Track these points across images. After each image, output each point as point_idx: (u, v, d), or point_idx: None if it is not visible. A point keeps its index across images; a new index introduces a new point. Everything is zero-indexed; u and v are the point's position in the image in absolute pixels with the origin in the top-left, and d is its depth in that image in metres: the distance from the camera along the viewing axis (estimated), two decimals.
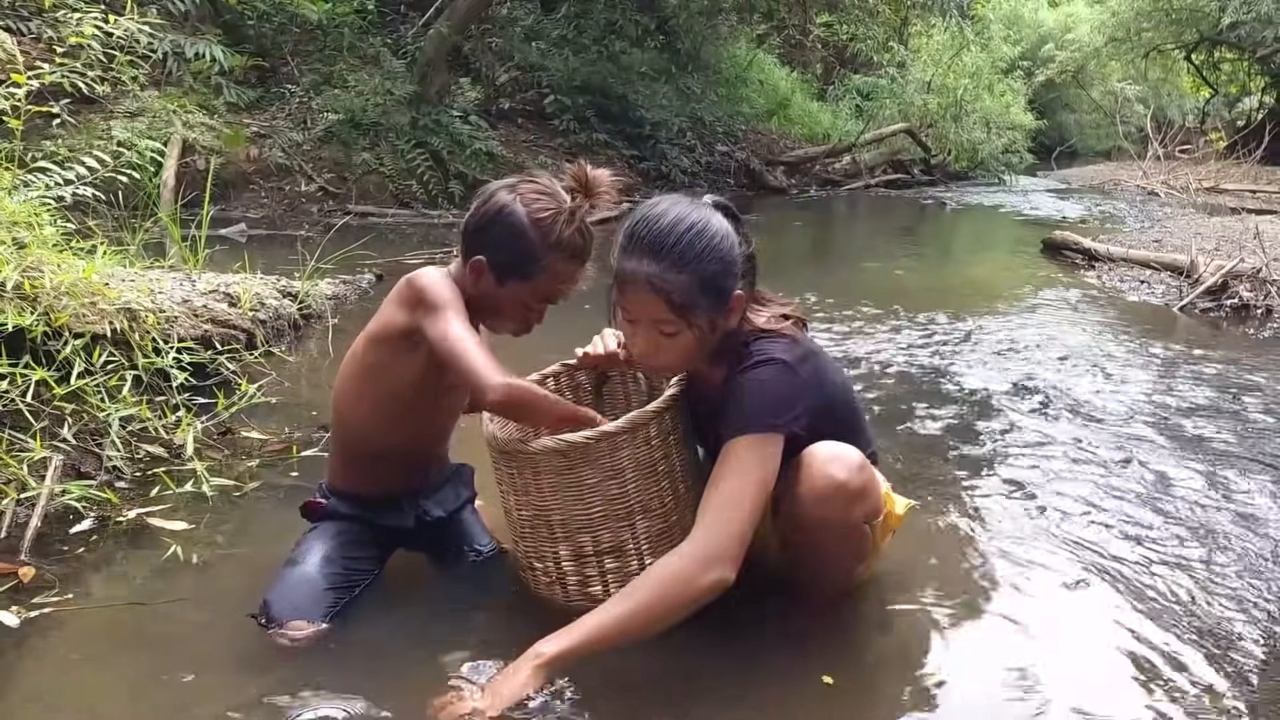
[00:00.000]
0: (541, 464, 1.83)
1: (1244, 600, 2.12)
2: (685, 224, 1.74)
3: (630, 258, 1.74)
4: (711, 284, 1.74)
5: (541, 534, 1.89)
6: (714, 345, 1.83)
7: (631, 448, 1.81)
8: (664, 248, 1.71)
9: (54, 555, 2.17)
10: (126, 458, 2.58)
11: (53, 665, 1.81)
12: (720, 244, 1.76)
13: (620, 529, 1.85)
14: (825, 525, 1.80)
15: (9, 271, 2.35)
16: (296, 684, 1.71)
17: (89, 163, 3.61)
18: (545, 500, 1.85)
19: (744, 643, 1.88)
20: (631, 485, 1.83)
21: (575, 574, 1.88)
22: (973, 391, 3.77)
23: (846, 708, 1.72)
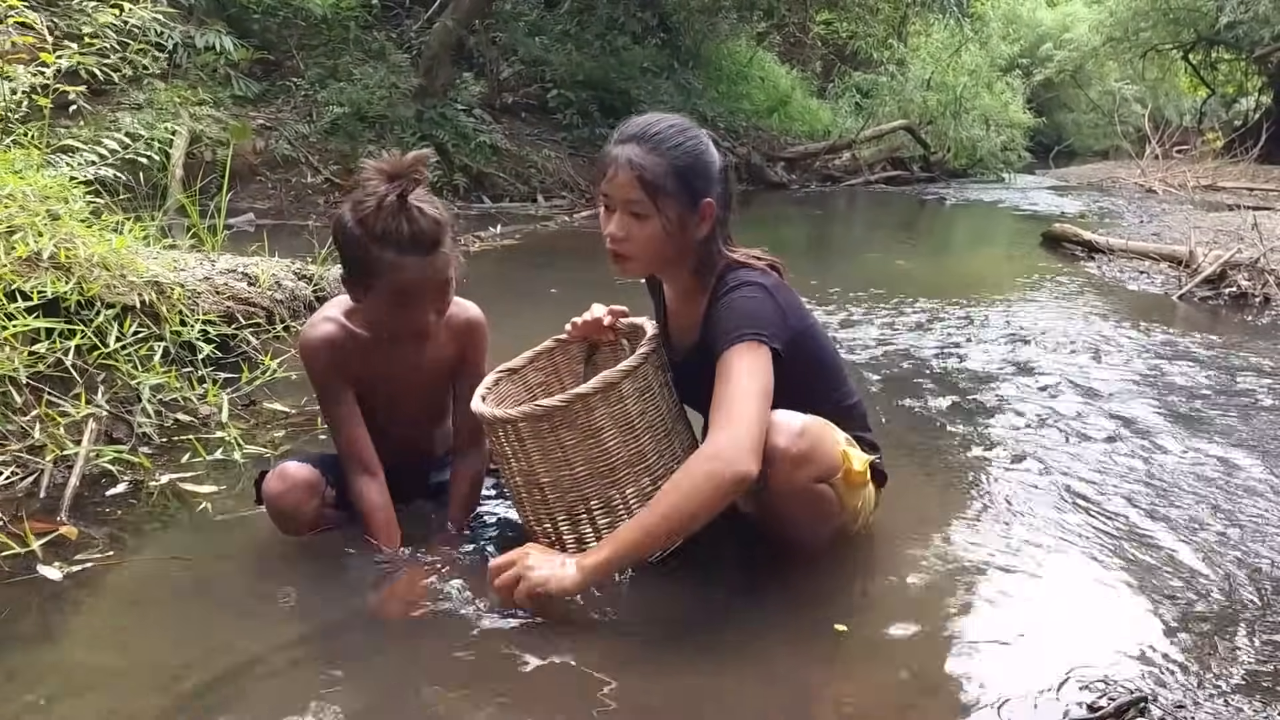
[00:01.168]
0: (524, 430, 1.88)
1: (1232, 560, 2.19)
2: (669, 120, 1.94)
3: (615, 145, 1.91)
4: (684, 174, 1.88)
5: (535, 498, 1.95)
6: (685, 256, 1.96)
7: (606, 406, 1.87)
8: (646, 135, 1.89)
9: (91, 516, 2.24)
10: (156, 425, 2.64)
11: (95, 615, 1.88)
12: (697, 145, 1.92)
13: (606, 486, 1.91)
14: (775, 491, 1.85)
15: (45, 242, 2.41)
16: (325, 629, 1.78)
17: (110, 144, 3.67)
18: (533, 465, 1.91)
19: (752, 595, 1.95)
20: (612, 443, 1.89)
21: (571, 533, 1.94)
22: (975, 372, 3.84)
23: (859, 655, 1.79)
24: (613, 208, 1.92)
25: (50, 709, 1.55)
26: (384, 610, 1.89)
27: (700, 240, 1.95)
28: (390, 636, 1.80)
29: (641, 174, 1.85)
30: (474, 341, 2.18)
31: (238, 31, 9.01)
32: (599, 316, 2.17)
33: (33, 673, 1.66)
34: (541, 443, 1.89)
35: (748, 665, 1.72)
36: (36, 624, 1.82)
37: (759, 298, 1.90)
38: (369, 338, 2.05)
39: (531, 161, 10.20)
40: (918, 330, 4.56)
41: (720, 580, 2.01)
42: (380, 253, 1.86)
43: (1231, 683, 1.72)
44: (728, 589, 1.98)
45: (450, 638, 1.76)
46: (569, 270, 5.94)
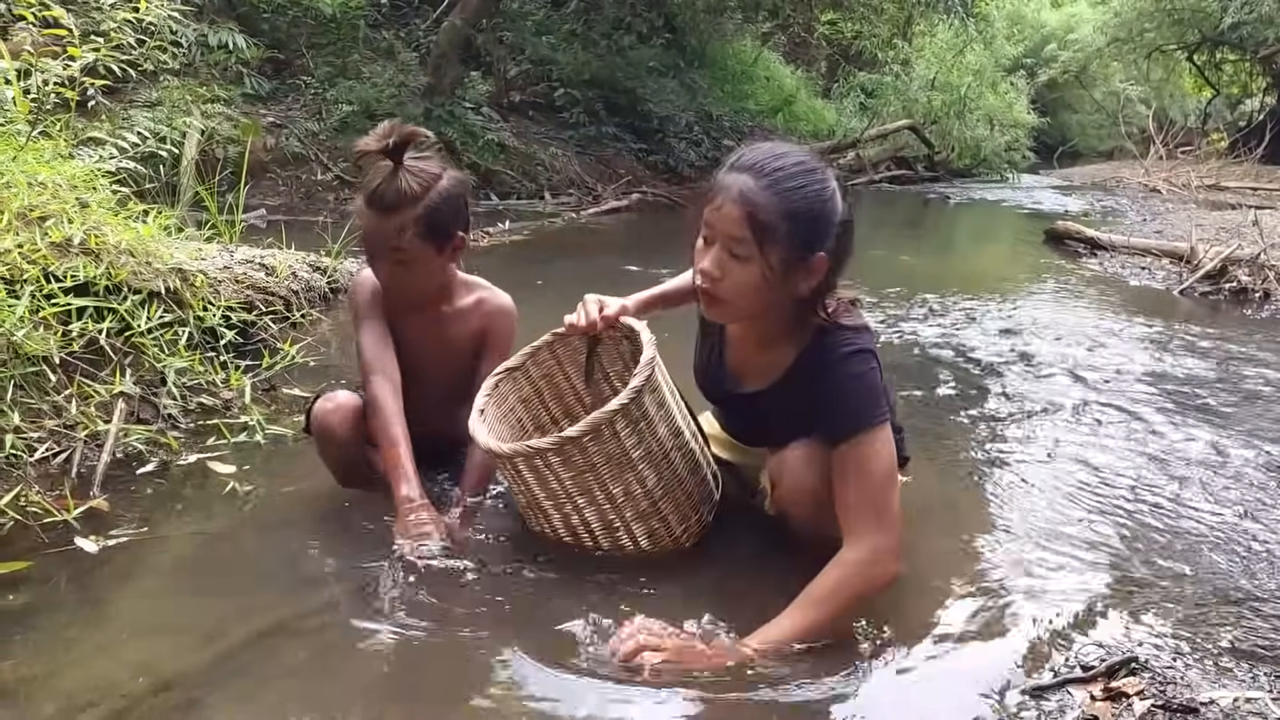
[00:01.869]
0: (520, 464, 1.92)
1: (1224, 537, 2.28)
2: (797, 158, 1.71)
3: (731, 172, 1.71)
4: (799, 220, 1.67)
5: (539, 517, 2.01)
6: (778, 309, 1.79)
7: (599, 444, 1.86)
8: (767, 170, 1.68)
9: (123, 492, 2.32)
10: (180, 408, 2.72)
11: (131, 582, 1.96)
12: (823, 191, 1.70)
13: (604, 511, 1.94)
14: (807, 520, 1.87)
15: (76, 228, 2.50)
16: (349, 599, 1.86)
17: (131, 138, 3.75)
18: (534, 490, 1.95)
19: (763, 575, 2.03)
20: (608, 475, 1.89)
21: (570, 539, 1.99)
22: (978, 361, 3.91)
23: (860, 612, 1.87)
24: (713, 240, 1.73)
25: (90, 665, 1.63)
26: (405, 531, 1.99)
27: (800, 296, 1.76)
28: (413, 598, 1.87)
29: (753, 211, 1.66)
30: (497, 327, 2.27)
31: (248, 30, 9.09)
32: (594, 320, 2.07)
33: (73, 633, 1.74)
34: (539, 474, 1.92)
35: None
36: (76, 590, 1.90)
37: (872, 368, 1.77)
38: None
39: (539, 159, 10.27)
40: (922, 322, 4.64)
41: (738, 569, 2.08)
42: (358, 200, 2.09)
43: (1220, 646, 1.79)
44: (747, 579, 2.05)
45: (471, 601, 1.85)
46: (574, 265, 6.03)
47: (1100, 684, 1.66)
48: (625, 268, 5.67)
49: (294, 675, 1.63)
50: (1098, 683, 1.66)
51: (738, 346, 1.98)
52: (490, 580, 1.92)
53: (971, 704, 1.60)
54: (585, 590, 1.89)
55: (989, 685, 1.65)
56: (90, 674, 1.61)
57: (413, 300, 2.21)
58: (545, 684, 1.60)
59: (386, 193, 2.03)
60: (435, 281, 2.20)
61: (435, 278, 2.18)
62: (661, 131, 12.09)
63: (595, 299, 2.11)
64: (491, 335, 2.27)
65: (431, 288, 2.21)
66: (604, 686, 1.58)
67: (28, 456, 2.14)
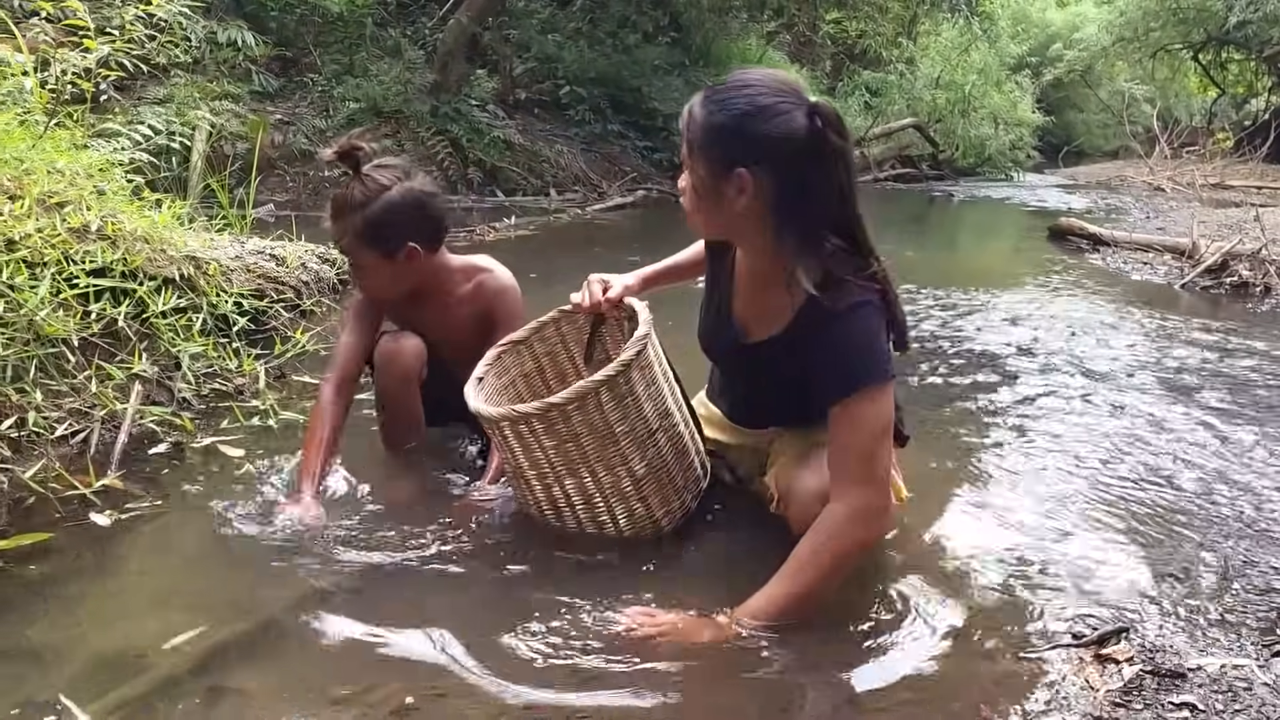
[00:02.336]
0: (506, 429, 1.95)
1: (1217, 517, 2.32)
2: (756, 76, 1.70)
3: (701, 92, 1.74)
4: (717, 133, 1.66)
5: (522, 485, 2.04)
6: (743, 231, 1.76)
7: (583, 414, 1.88)
8: (714, 91, 1.70)
9: (137, 472, 2.37)
10: (195, 391, 2.78)
11: (146, 558, 2.01)
12: (749, 107, 1.64)
13: (585, 485, 1.97)
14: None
15: (94, 215, 2.55)
16: (354, 573, 1.91)
17: (144, 130, 3.81)
18: (518, 458, 1.99)
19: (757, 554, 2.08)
20: (590, 447, 1.92)
21: (553, 514, 2.03)
22: (979, 352, 3.96)
23: (857, 585, 1.92)
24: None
25: (111, 631, 1.69)
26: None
27: (739, 214, 1.70)
28: (435, 571, 1.93)
29: (685, 128, 1.71)
30: (498, 303, 2.37)
31: (255, 28, 9.15)
32: (597, 300, 2.12)
33: (94, 601, 1.80)
34: (524, 441, 1.95)
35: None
36: (95, 561, 1.96)
37: (874, 325, 1.70)
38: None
39: (544, 156, 10.33)
40: (924, 315, 4.68)
41: (734, 553, 2.13)
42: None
43: (1210, 618, 1.84)
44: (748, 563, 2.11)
45: (488, 578, 1.90)
46: (579, 260, 6.08)
47: (1092, 650, 1.71)
48: (629, 260, 5.72)
49: (308, 645, 1.68)
50: (1090, 649, 1.71)
51: (743, 294, 1.94)
52: (499, 566, 1.98)
53: (968, 668, 1.65)
54: (588, 574, 1.94)
55: (985, 651, 1.71)
56: (112, 639, 1.67)
57: (384, 299, 2.35)
58: (550, 670, 1.65)
59: (335, 199, 2.20)
60: (397, 285, 2.30)
61: (396, 281, 2.28)
62: (666, 129, 12.12)
63: (599, 279, 2.16)
64: (497, 313, 2.36)
65: (395, 290, 2.31)
66: (609, 674, 1.62)
67: (49, 434, 2.19)
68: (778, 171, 1.66)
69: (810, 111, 1.64)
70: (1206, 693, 1.59)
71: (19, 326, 2.18)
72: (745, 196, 1.68)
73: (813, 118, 1.63)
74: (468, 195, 8.84)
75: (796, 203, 1.67)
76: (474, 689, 1.56)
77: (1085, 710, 1.55)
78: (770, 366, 1.90)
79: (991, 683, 1.62)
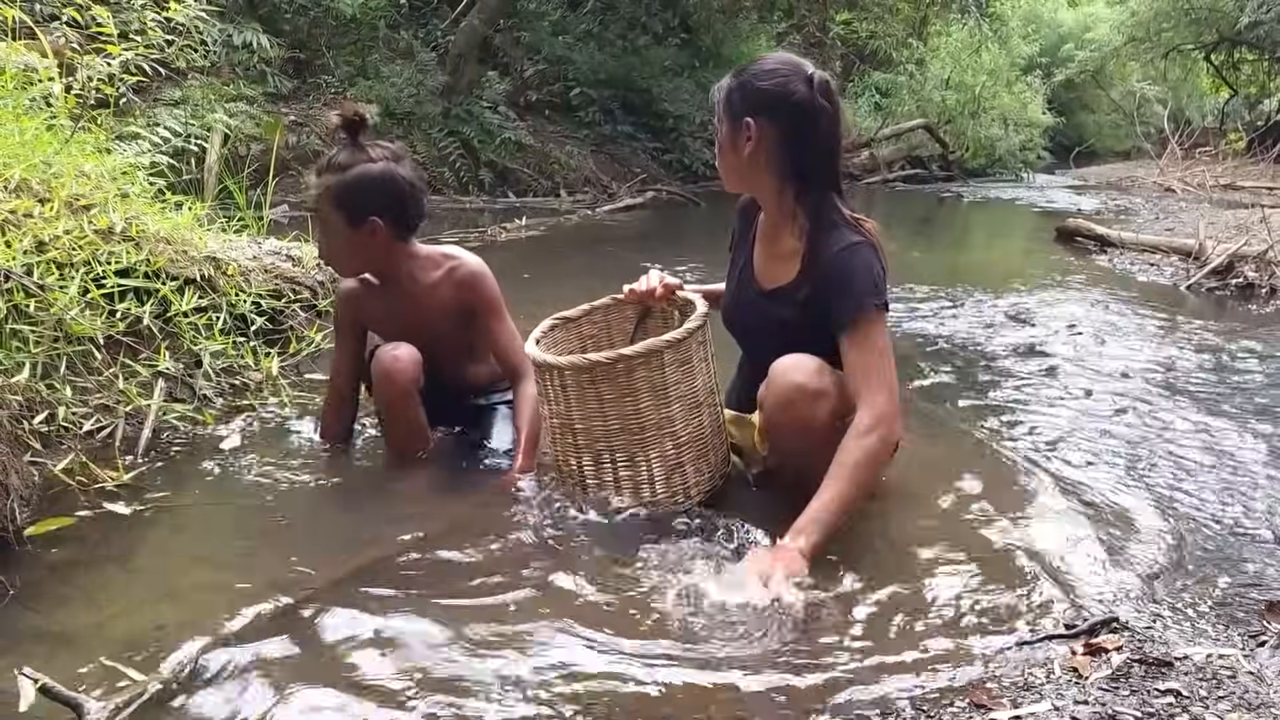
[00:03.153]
0: (567, 378, 2.08)
1: (1210, 514, 2.38)
2: (780, 58, 2.14)
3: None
4: (734, 92, 2.08)
5: (567, 439, 2.15)
6: (752, 178, 2.13)
7: (646, 370, 2.05)
8: (750, 65, 2.11)
9: (158, 465, 2.45)
10: (214, 388, 2.86)
11: (166, 547, 2.07)
12: (758, 73, 2.07)
13: (632, 443, 2.10)
14: (794, 425, 2.04)
15: (118, 217, 2.63)
16: (379, 562, 1.98)
17: (163, 133, 3.90)
18: (570, 410, 2.11)
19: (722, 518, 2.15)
20: (645, 404, 2.07)
21: (594, 477, 2.14)
22: (982, 351, 4.02)
23: (854, 588, 1.96)
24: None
25: (134, 617, 1.76)
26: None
27: (749, 160, 2.08)
28: (463, 559, 2.00)
29: (717, 90, 2.12)
30: (474, 288, 2.47)
31: (270, 30, 9.26)
32: (653, 287, 2.31)
33: (117, 588, 1.87)
34: (581, 392, 2.08)
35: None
36: (117, 550, 2.02)
37: (872, 262, 2.05)
38: (377, 285, 2.48)
39: (555, 158, 10.42)
40: (930, 315, 4.74)
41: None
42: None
43: (1199, 610, 1.90)
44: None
45: (502, 562, 1.97)
46: (589, 260, 6.15)
47: (1082, 640, 1.76)
48: (640, 262, 5.80)
49: (331, 633, 1.75)
50: (1080, 639, 1.77)
51: (761, 248, 2.25)
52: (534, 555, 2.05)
53: (960, 657, 1.71)
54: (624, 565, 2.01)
55: (978, 641, 1.76)
56: (135, 625, 1.73)
57: (343, 270, 2.48)
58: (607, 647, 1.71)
59: (323, 158, 2.36)
60: (354, 258, 2.41)
61: (354, 253, 2.39)
62: (676, 130, 12.22)
63: (657, 272, 2.36)
64: (477, 300, 2.47)
65: (352, 264, 2.45)
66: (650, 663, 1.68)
67: (77, 429, 2.27)
68: (778, 121, 2.05)
69: (806, 79, 2.05)
70: (1191, 680, 1.64)
71: (48, 325, 2.26)
72: (752, 142, 2.06)
73: (808, 82, 2.04)
74: (479, 196, 8.93)
75: (794, 149, 2.06)
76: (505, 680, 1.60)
77: (1074, 697, 1.60)
78: (780, 314, 2.15)
79: (983, 671, 1.68)
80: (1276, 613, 1.89)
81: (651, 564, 1.95)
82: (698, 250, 5.89)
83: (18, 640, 1.66)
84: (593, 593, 1.87)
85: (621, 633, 1.73)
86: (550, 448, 2.25)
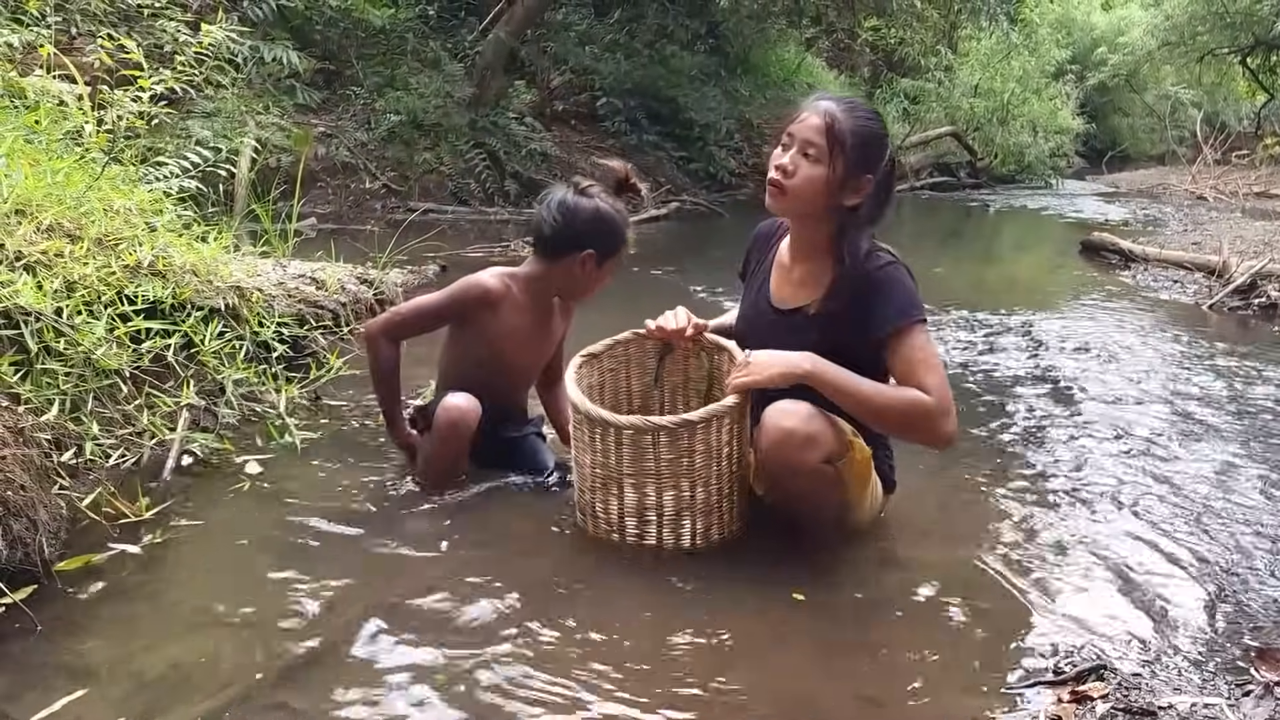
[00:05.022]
0: (626, 435, 2.13)
1: (1206, 556, 2.39)
2: (867, 105, 2.25)
3: (816, 100, 2.18)
4: (863, 140, 2.12)
5: (611, 490, 2.19)
6: (826, 215, 2.18)
7: (705, 432, 2.12)
8: (846, 101, 2.18)
9: (181, 494, 2.52)
10: (238, 415, 2.95)
11: (188, 579, 2.13)
12: (882, 130, 2.19)
13: (683, 497, 2.16)
14: (785, 469, 2.11)
15: (146, 251, 2.73)
16: (393, 585, 2.05)
17: (193, 158, 4.01)
18: (621, 464, 2.15)
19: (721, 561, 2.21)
20: (700, 462, 2.13)
21: (635, 528, 2.20)
22: (996, 378, 4.04)
23: (839, 626, 2.01)
24: (790, 145, 2.16)
25: (158, 650, 1.83)
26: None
27: (845, 207, 2.15)
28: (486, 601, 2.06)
29: (831, 123, 2.11)
30: (570, 319, 2.76)
31: (300, 41, 9.40)
32: (682, 327, 2.36)
33: (141, 622, 1.94)
34: (637, 449, 2.13)
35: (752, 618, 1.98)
36: (139, 582, 2.09)
37: (909, 280, 2.17)
38: (524, 303, 2.57)
39: (580, 169, 10.49)
40: (948, 340, 4.75)
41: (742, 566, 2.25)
42: (627, 230, 2.53)
43: (1186, 657, 1.93)
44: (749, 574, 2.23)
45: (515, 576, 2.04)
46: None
47: (1069, 687, 1.80)
48: (662, 279, 5.86)
49: (356, 666, 1.82)
50: (1066, 686, 1.81)
51: (783, 270, 2.34)
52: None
53: (947, 701, 1.76)
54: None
55: (965, 685, 1.81)
56: (156, 660, 1.80)
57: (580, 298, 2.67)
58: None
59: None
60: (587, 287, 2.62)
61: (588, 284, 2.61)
62: (702, 139, 12.26)
63: (685, 311, 2.43)
64: (568, 327, 2.76)
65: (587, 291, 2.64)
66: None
67: (103, 462, 2.36)
68: (879, 180, 2.16)
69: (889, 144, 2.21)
70: None
71: (76, 362, 2.35)
72: (860, 195, 2.16)
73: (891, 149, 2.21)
74: (504, 208, 9.02)
75: (879, 204, 2.18)
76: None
77: None
78: (798, 336, 2.20)
79: (970, 715, 1.72)
80: (1266, 660, 1.91)
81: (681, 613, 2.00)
82: (718, 266, 5.92)
83: (43, 674, 1.74)
84: (618, 640, 1.92)
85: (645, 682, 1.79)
86: (583, 494, 2.28)
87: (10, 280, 2.28)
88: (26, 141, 2.95)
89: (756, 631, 1.97)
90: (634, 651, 1.86)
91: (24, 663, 1.77)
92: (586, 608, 2.01)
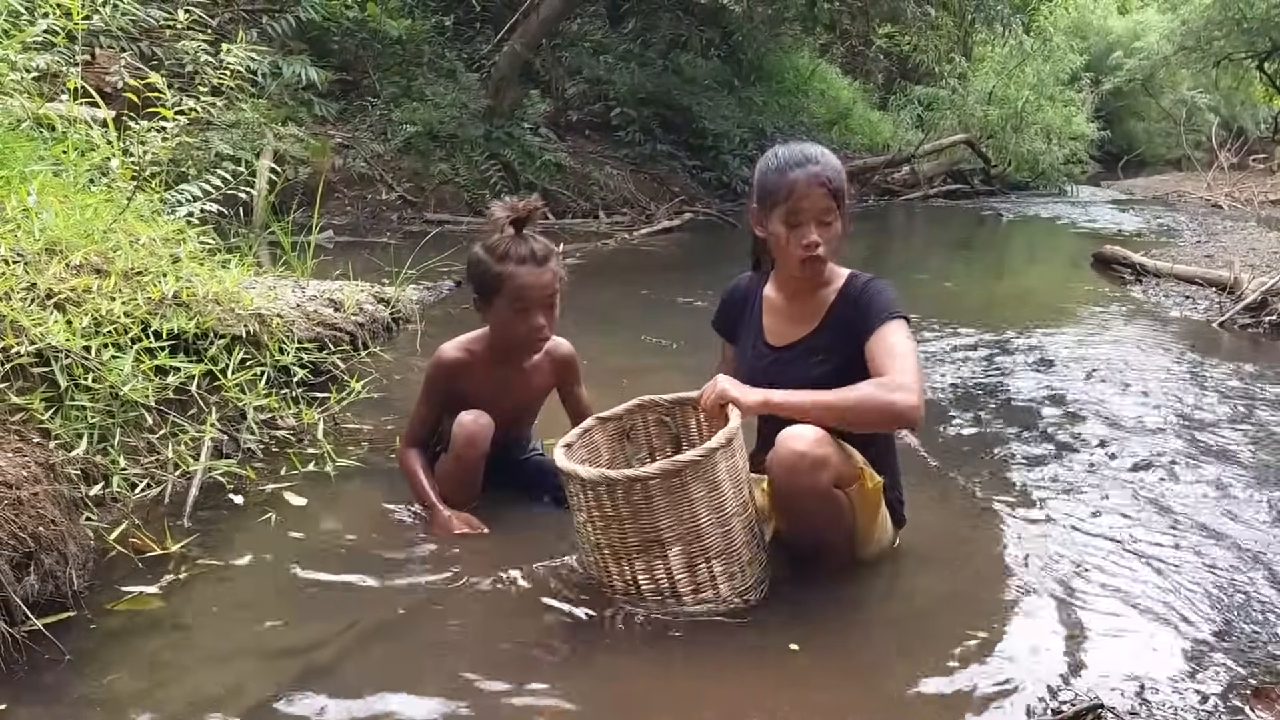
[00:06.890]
0: (619, 491, 2.07)
1: (1207, 590, 2.42)
2: (812, 146, 2.35)
3: (790, 170, 2.26)
4: (844, 181, 2.31)
5: (620, 557, 2.14)
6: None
7: (696, 472, 2.05)
8: (811, 156, 2.28)
9: (205, 523, 2.59)
10: (259, 442, 3.02)
11: (212, 610, 2.18)
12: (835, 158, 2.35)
13: (691, 549, 2.11)
14: (796, 491, 2.16)
15: (170, 283, 2.80)
16: (404, 615, 2.11)
17: (214, 180, 4.08)
18: (621, 529, 2.10)
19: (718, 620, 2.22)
20: (701, 510, 2.08)
21: (650, 586, 2.15)
22: (1003, 400, 4.07)
23: (827, 667, 2.04)
24: (802, 223, 2.26)
25: (181, 683, 1.89)
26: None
27: (842, 241, 2.34)
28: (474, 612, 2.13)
29: (830, 184, 2.25)
30: (570, 368, 2.84)
31: (318, 52, 9.50)
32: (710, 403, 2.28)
33: (166, 655, 2.00)
34: (633, 509, 2.07)
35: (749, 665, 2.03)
36: (164, 615, 2.16)
37: (891, 289, 2.35)
38: (490, 362, 2.71)
39: (594, 179, 10.57)
40: (955, 361, 4.78)
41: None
42: (501, 267, 2.53)
43: (1186, 696, 1.97)
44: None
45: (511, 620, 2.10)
46: (619, 296, 6.28)
47: None
48: (674, 299, 5.92)
49: (383, 698, 1.88)
50: None
51: (773, 313, 2.47)
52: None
53: None
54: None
55: None
56: (182, 691, 1.87)
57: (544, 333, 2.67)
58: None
59: (535, 249, 2.57)
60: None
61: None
62: (715, 148, 12.31)
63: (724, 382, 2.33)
64: (569, 377, 2.85)
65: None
66: None
67: (130, 494, 2.43)
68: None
69: None
70: None
71: (103, 395, 2.42)
72: (849, 223, 2.37)
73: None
74: None
75: (850, 218, 2.39)
76: None
77: None
78: (797, 367, 2.34)
79: None
80: (1262, 699, 1.95)
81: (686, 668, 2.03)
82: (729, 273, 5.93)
83: (69, 706, 1.81)
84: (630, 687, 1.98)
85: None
86: (593, 568, 2.25)
87: (42, 319, 2.35)
88: (54, 175, 3.03)
89: (750, 676, 2.01)
90: (641, 697, 1.91)
91: (57, 694, 1.83)
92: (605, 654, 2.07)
